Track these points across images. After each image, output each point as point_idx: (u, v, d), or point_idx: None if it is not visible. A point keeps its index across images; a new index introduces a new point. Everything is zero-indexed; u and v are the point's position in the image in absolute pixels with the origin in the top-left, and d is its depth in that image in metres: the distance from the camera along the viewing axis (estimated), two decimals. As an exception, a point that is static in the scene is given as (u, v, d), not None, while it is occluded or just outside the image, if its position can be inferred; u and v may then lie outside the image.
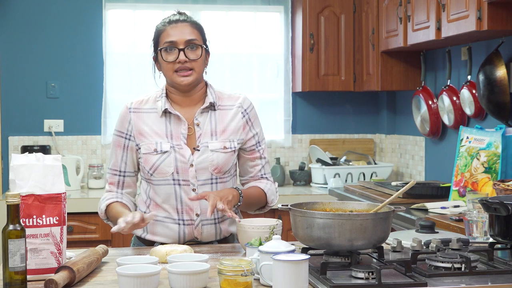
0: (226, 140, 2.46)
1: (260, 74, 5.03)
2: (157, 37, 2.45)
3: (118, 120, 2.50)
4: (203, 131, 2.45)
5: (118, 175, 2.49)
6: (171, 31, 2.41)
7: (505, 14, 3.04)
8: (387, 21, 4.20)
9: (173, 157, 2.40)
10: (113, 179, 2.50)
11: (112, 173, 2.50)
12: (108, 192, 2.51)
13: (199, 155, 2.42)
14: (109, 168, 2.52)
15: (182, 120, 2.44)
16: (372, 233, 1.92)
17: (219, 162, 2.43)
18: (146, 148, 2.42)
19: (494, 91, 3.39)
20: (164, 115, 2.45)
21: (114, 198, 2.47)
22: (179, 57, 2.39)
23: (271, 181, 2.58)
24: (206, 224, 2.44)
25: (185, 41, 2.40)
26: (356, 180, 4.66)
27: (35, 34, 4.74)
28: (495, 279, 1.84)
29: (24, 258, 1.79)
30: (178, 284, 1.81)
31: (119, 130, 2.49)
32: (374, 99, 5.15)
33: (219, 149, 2.44)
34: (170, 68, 2.41)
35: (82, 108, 4.81)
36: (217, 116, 2.48)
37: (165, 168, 2.40)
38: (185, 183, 2.41)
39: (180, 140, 2.42)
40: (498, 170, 3.11)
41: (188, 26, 2.43)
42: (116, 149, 2.49)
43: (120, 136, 2.48)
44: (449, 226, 2.88)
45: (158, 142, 2.41)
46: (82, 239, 4.13)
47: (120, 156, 2.48)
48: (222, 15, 4.93)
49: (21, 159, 1.97)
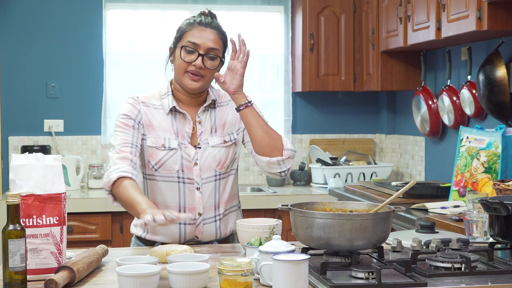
0: (225, 134, 2.48)
1: (260, 74, 5.03)
2: (182, 33, 2.43)
3: (125, 107, 2.42)
4: (204, 128, 2.46)
5: (130, 146, 2.35)
6: (198, 33, 2.40)
7: (505, 14, 3.04)
8: (387, 21, 4.20)
9: (179, 155, 2.40)
10: (125, 149, 2.33)
11: (123, 146, 2.34)
12: (121, 164, 2.30)
13: (202, 153, 2.43)
14: (116, 144, 2.36)
15: (187, 119, 2.44)
16: (372, 233, 1.92)
17: (221, 156, 2.44)
18: (154, 142, 2.40)
19: (494, 91, 3.39)
20: (171, 113, 2.45)
21: (129, 173, 2.27)
22: (196, 60, 2.38)
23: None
24: (207, 223, 2.44)
25: (207, 48, 2.39)
26: (356, 180, 4.66)
27: (35, 34, 4.74)
28: (495, 279, 1.84)
29: (24, 258, 1.79)
30: (178, 284, 1.81)
31: (127, 114, 2.40)
32: (374, 99, 5.15)
33: (219, 144, 2.45)
34: (184, 67, 2.40)
35: (82, 108, 4.81)
36: (216, 113, 2.50)
37: (171, 165, 2.39)
38: (189, 181, 2.42)
39: (184, 139, 2.43)
40: (498, 170, 3.11)
41: (215, 34, 2.42)
42: (125, 128, 2.38)
43: (129, 118, 2.40)
44: (449, 226, 2.88)
45: (166, 137, 2.41)
46: (82, 239, 4.13)
47: (131, 133, 2.38)
48: (222, 15, 4.93)
49: (21, 159, 1.96)
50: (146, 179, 2.46)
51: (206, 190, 2.44)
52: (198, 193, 2.42)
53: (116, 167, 2.29)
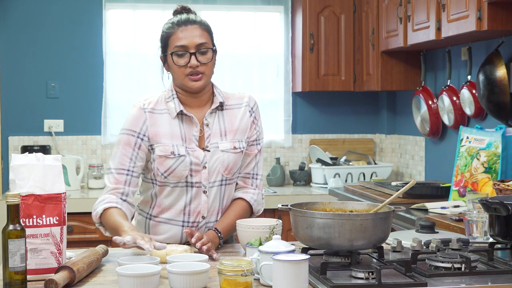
0: (236, 140, 2.45)
1: (260, 74, 5.03)
2: (167, 40, 2.42)
3: (129, 119, 2.41)
4: (212, 131, 2.44)
5: (126, 174, 2.38)
6: (181, 34, 2.38)
7: (505, 14, 3.04)
8: (387, 21, 4.20)
9: (188, 160, 2.38)
10: (120, 178, 2.37)
11: (118, 172, 2.37)
12: (108, 195, 2.36)
13: (211, 157, 2.41)
14: (113, 168, 2.39)
15: (194, 122, 2.42)
16: (372, 233, 1.92)
17: (229, 162, 2.43)
18: (162, 150, 2.38)
19: (494, 91, 3.39)
20: (177, 117, 2.42)
21: (113, 203, 2.33)
22: (190, 61, 2.37)
23: (259, 186, 2.54)
24: (210, 227, 2.43)
25: (196, 45, 2.37)
26: (356, 180, 4.66)
27: (35, 34, 4.74)
28: (495, 279, 1.84)
29: (24, 258, 1.79)
30: (178, 284, 1.81)
31: (131, 129, 2.39)
32: (374, 99, 5.15)
33: (229, 150, 2.43)
34: (182, 72, 2.38)
35: (82, 108, 4.81)
36: (225, 116, 2.47)
37: (180, 171, 2.37)
38: (197, 185, 2.41)
39: (192, 142, 2.41)
40: (498, 170, 3.11)
41: (197, 28, 2.39)
42: (124, 147, 2.38)
43: (131, 135, 2.39)
44: (449, 226, 2.88)
45: (174, 145, 2.38)
46: (82, 239, 4.13)
47: (130, 155, 2.38)
48: (222, 15, 4.93)
49: (21, 159, 1.97)
50: (155, 184, 2.43)
51: (212, 194, 2.43)
52: (204, 197, 2.42)
53: (102, 199, 2.36)
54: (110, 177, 2.39)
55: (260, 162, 2.55)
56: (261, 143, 2.55)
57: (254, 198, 2.50)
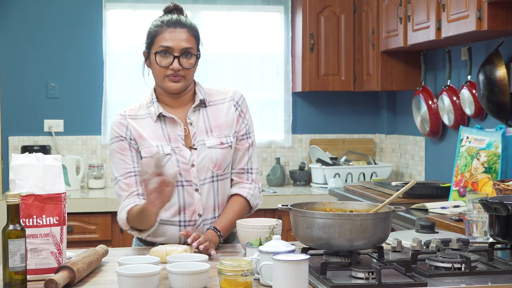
0: (222, 135, 2.45)
1: (260, 74, 5.03)
2: (153, 37, 2.42)
3: (113, 128, 2.45)
4: (197, 129, 2.44)
5: (134, 175, 2.39)
6: (169, 35, 2.38)
7: (505, 14, 3.04)
8: (387, 21, 4.20)
9: (174, 159, 2.39)
10: (130, 181, 2.38)
11: (126, 177, 2.39)
12: (126, 201, 2.37)
13: (198, 154, 2.41)
14: (118, 176, 2.40)
15: (177, 122, 2.43)
16: (372, 233, 1.92)
17: (218, 158, 2.42)
18: (147, 152, 2.39)
19: (494, 91, 3.39)
20: (159, 119, 2.43)
21: (132, 204, 2.35)
22: (173, 64, 2.36)
23: (255, 179, 2.53)
24: (207, 224, 2.44)
25: (181, 49, 2.37)
26: (356, 180, 4.66)
27: (35, 34, 4.74)
28: (495, 279, 1.84)
29: (24, 258, 1.79)
30: (178, 284, 1.81)
31: (118, 135, 2.43)
32: (374, 99, 5.15)
33: (216, 145, 2.43)
34: (162, 72, 2.38)
35: (82, 108, 4.81)
36: (209, 112, 2.47)
37: (168, 170, 2.38)
38: (187, 183, 2.41)
39: (178, 142, 2.41)
40: (498, 170, 3.11)
41: (185, 32, 2.39)
42: (121, 153, 2.41)
43: (121, 140, 2.42)
44: (449, 226, 2.88)
45: (159, 145, 2.39)
46: (82, 239, 4.13)
47: (129, 157, 2.40)
48: (222, 15, 4.93)
49: (21, 159, 1.97)
50: None
51: (205, 192, 2.43)
52: (197, 195, 2.42)
53: (122, 206, 2.38)
54: (120, 185, 2.40)
55: (253, 156, 2.53)
56: (251, 137, 2.53)
57: (250, 193, 2.49)
